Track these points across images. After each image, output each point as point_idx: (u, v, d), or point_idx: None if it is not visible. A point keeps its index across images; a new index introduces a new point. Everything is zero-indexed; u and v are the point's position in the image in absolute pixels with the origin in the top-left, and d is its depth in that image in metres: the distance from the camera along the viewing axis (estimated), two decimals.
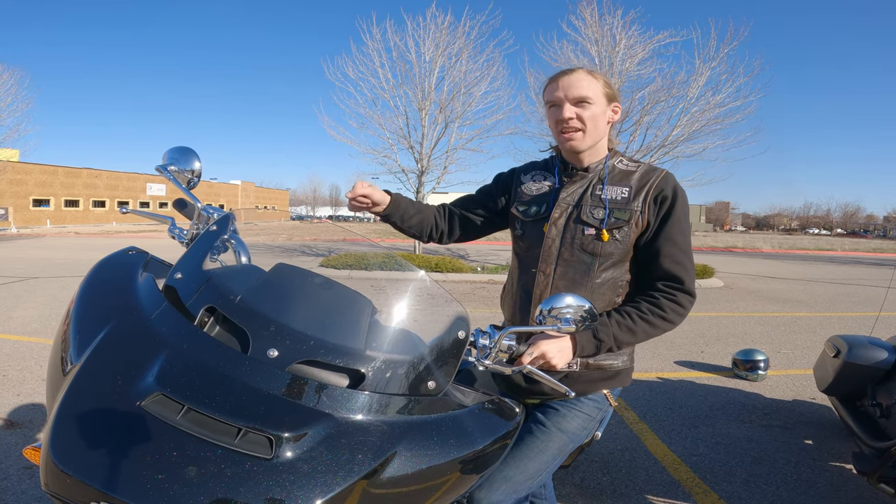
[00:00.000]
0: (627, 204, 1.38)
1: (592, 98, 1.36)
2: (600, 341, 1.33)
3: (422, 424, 1.02)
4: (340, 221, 64.28)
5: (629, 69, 10.73)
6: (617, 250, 1.38)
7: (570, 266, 1.40)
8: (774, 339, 5.89)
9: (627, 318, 1.35)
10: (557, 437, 1.40)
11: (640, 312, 1.35)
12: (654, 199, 1.37)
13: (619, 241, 1.38)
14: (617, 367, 1.46)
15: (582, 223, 1.40)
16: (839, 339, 3.14)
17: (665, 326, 1.36)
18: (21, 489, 2.36)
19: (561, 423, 1.41)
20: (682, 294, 1.37)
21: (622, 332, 1.34)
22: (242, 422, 0.87)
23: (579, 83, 1.36)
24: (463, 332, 1.12)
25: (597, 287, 1.40)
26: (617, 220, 1.37)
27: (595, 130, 1.38)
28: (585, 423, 1.45)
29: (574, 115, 1.36)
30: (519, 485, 1.33)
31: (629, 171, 1.43)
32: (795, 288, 10.65)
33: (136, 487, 0.79)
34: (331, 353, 1.00)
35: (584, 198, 1.42)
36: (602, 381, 1.46)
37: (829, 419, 3.55)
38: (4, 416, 3.16)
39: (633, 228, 1.37)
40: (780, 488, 2.63)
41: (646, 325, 1.35)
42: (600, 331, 1.33)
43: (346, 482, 0.86)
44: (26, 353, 4.54)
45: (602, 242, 1.37)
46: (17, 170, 34.70)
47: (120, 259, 1.29)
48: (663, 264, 1.37)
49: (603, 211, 1.38)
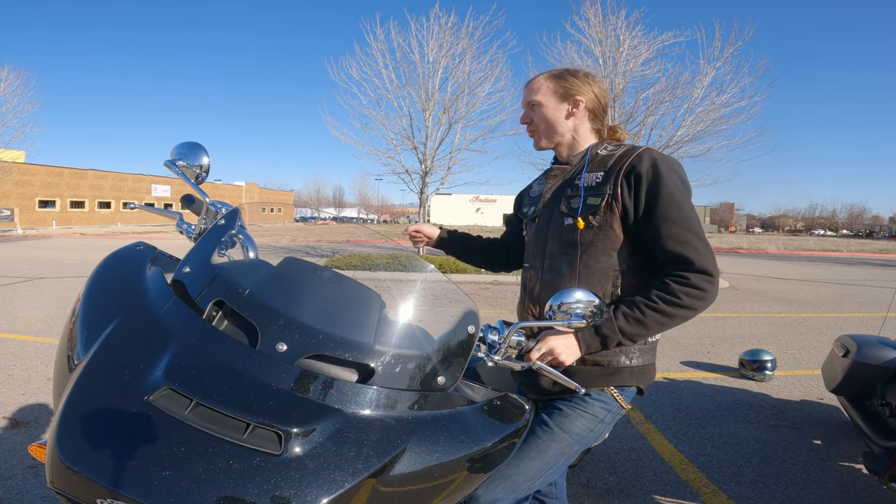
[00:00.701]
0: (599, 188, 1.33)
1: (541, 100, 1.44)
2: (604, 336, 1.28)
3: (431, 421, 1.01)
4: (344, 222, 64.62)
5: (633, 69, 10.70)
6: (598, 238, 1.32)
7: (556, 258, 1.40)
8: (781, 340, 5.86)
9: (635, 310, 1.27)
10: (560, 437, 1.34)
11: (648, 302, 1.27)
12: (627, 178, 1.30)
13: (596, 227, 1.32)
14: (619, 363, 1.36)
15: (561, 214, 1.40)
16: (848, 339, 3.12)
17: (683, 313, 1.26)
18: (26, 488, 2.35)
19: (564, 424, 1.35)
20: (695, 274, 1.25)
21: (630, 325, 1.27)
22: (251, 417, 0.86)
23: (530, 88, 1.47)
24: (473, 327, 1.11)
25: (583, 277, 1.34)
26: (590, 205, 1.32)
27: (549, 128, 1.45)
28: (592, 424, 1.37)
29: (528, 119, 1.49)
30: (518, 485, 1.28)
31: (608, 155, 1.39)
32: (801, 289, 10.59)
33: (143, 484, 0.78)
34: (340, 347, 0.99)
35: (564, 189, 1.42)
36: (601, 378, 1.36)
37: (838, 419, 3.52)
38: (9, 416, 3.17)
39: (609, 212, 1.31)
40: (789, 488, 2.61)
41: (658, 314, 1.26)
42: (602, 326, 1.27)
43: (356, 479, 0.85)
44: (31, 352, 4.55)
45: (579, 230, 1.34)
46: (23, 171, 34.90)
47: (128, 254, 1.29)
48: (666, 246, 1.26)
49: (578, 199, 1.36)
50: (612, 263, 1.34)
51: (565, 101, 1.43)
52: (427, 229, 1.76)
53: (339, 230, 8.19)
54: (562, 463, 1.36)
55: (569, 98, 1.43)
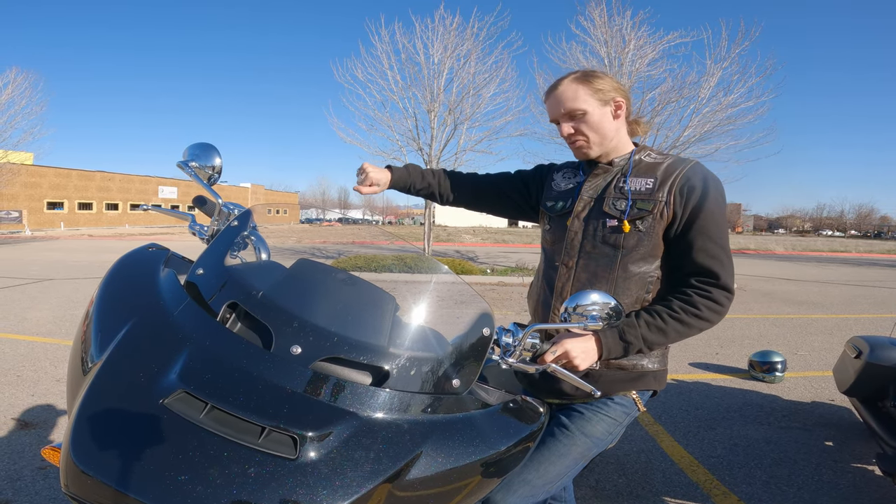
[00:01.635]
0: (651, 194, 1.34)
1: (584, 107, 1.36)
2: (628, 343, 1.28)
3: (446, 424, 1.00)
4: (350, 223, 64.77)
5: (639, 70, 10.65)
6: (641, 243, 1.33)
7: (592, 259, 1.37)
8: (791, 341, 5.81)
9: (657, 318, 1.29)
10: (581, 441, 1.34)
11: (671, 311, 1.29)
12: (680, 190, 1.32)
13: (642, 232, 1.33)
14: (642, 367, 1.39)
15: (604, 215, 1.37)
16: (860, 340, 3.09)
17: (700, 325, 1.30)
18: (35, 490, 2.36)
19: (585, 427, 1.35)
20: (718, 290, 1.30)
21: (652, 333, 1.28)
22: (266, 420, 0.86)
23: (564, 97, 1.37)
24: (488, 329, 1.10)
25: (621, 281, 1.35)
26: (640, 210, 1.33)
27: (599, 135, 1.38)
28: (611, 427, 1.38)
29: (572, 129, 1.39)
30: (537, 489, 1.28)
31: (656, 163, 1.40)
32: (810, 289, 10.50)
33: (158, 490, 0.77)
34: (354, 350, 0.99)
35: (607, 190, 1.40)
36: (625, 383, 1.38)
37: (850, 421, 3.49)
38: (18, 417, 3.19)
39: (658, 219, 1.32)
40: (801, 490, 2.58)
41: (678, 324, 1.29)
42: (627, 332, 1.28)
43: (371, 484, 0.84)
44: (41, 353, 4.58)
45: (624, 234, 1.33)
46: (32, 173, 35.15)
47: (140, 256, 1.29)
48: (696, 258, 1.31)
49: (625, 202, 1.35)
50: (650, 270, 1.35)
51: (607, 105, 1.38)
52: (377, 176, 1.55)
53: (345, 231, 8.23)
54: (580, 466, 1.36)
55: (609, 101, 1.38)
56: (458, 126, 11.94)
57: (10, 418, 3.16)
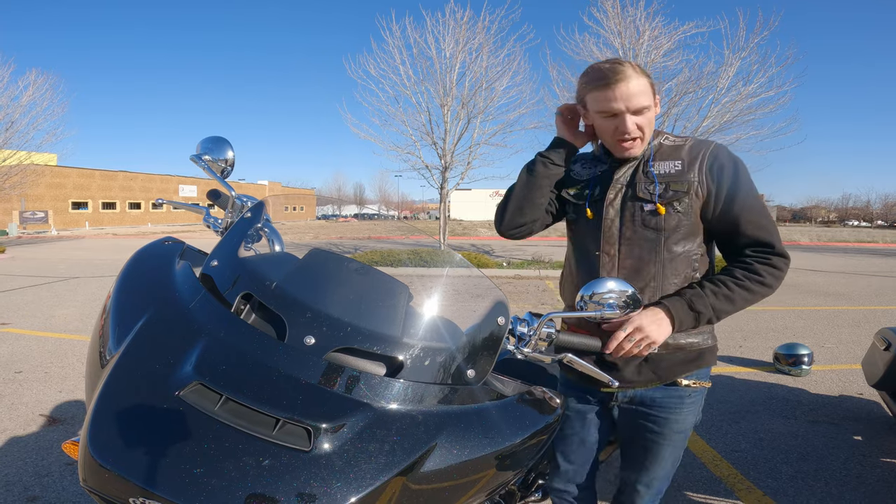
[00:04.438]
0: (682, 175, 1.36)
1: (649, 103, 1.32)
2: (698, 312, 1.31)
3: (461, 415, 0.98)
4: (366, 219, 65.12)
5: (654, 60, 10.44)
6: (682, 223, 1.35)
7: (635, 244, 1.38)
8: (817, 333, 5.67)
9: (723, 287, 1.32)
10: (676, 438, 1.44)
11: (735, 279, 1.33)
12: (710, 168, 1.35)
13: (681, 213, 1.35)
14: (698, 345, 1.41)
15: (639, 200, 1.37)
16: (890, 332, 2.99)
17: (763, 291, 1.34)
18: (62, 486, 2.41)
19: (674, 426, 1.43)
20: (776, 257, 1.34)
21: (719, 301, 1.31)
22: (281, 412, 0.85)
23: (638, 90, 1.29)
24: (503, 318, 1.08)
25: (667, 262, 1.36)
26: (675, 192, 1.35)
27: (650, 132, 1.38)
28: (695, 412, 1.46)
29: (636, 125, 1.32)
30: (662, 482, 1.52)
31: (678, 146, 1.41)
32: (836, 281, 10.24)
33: (175, 483, 0.77)
34: (368, 340, 0.98)
35: (636, 176, 1.40)
36: (687, 364, 1.40)
37: (879, 414, 3.39)
38: (47, 413, 3.26)
39: (695, 199, 1.35)
40: (829, 485, 2.51)
41: (744, 291, 1.32)
42: (696, 302, 1.30)
43: (386, 476, 0.83)
44: (68, 350, 4.69)
45: (662, 216, 1.35)
46: (56, 174, 35.97)
47: (156, 249, 1.30)
48: (747, 232, 1.34)
49: (655, 185, 1.36)
50: (693, 248, 1.39)
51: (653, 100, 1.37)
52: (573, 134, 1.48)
53: (361, 227, 8.19)
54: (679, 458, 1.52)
55: (654, 96, 1.37)
56: (472, 120, 11.88)
57: (38, 414, 3.24)
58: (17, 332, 5.29)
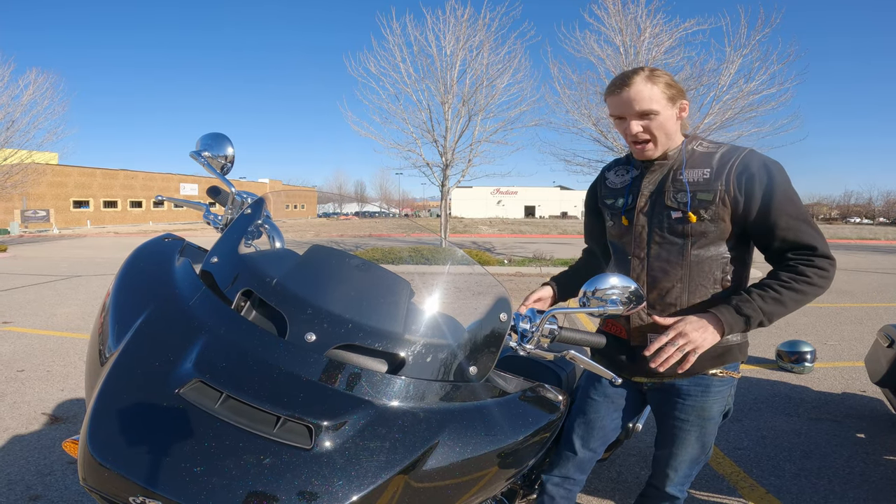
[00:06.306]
0: (710, 184, 1.37)
1: (656, 108, 1.37)
2: (747, 316, 1.32)
3: (463, 412, 0.97)
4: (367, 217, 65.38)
5: (656, 58, 10.41)
6: (709, 230, 1.38)
7: (663, 248, 1.43)
8: (820, 331, 5.65)
9: (770, 290, 1.33)
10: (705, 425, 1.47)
11: (781, 282, 1.34)
12: (738, 177, 1.36)
13: (709, 220, 1.37)
14: (726, 342, 1.41)
15: (667, 208, 1.41)
16: (893, 329, 2.98)
17: (813, 291, 1.33)
18: (65, 484, 2.41)
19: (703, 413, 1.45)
20: (819, 258, 1.34)
21: (768, 304, 1.32)
22: (281, 410, 0.85)
23: (640, 97, 1.36)
24: (505, 314, 1.07)
25: (695, 266, 1.40)
26: (701, 201, 1.37)
27: (664, 135, 1.41)
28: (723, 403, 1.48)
29: (641, 128, 1.39)
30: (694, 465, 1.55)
31: (709, 153, 1.42)
32: (839, 278, 10.20)
33: (175, 482, 0.76)
34: (369, 337, 0.97)
35: (665, 184, 1.43)
36: (713, 359, 1.42)
37: (882, 412, 3.38)
38: (49, 412, 3.26)
39: (722, 207, 1.36)
40: (832, 482, 2.51)
41: (791, 292, 1.32)
42: (743, 307, 1.32)
43: (387, 474, 0.83)
44: (70, 348, 4.69)
45: (691, 224, 1.37)
46: (57, 172, 35.97)
47: (156, 246, 1.29)
48: (788, 237, 1.35)
49: (685, 194, 1.38)
50: (721, 251, 1.40)
51: (674, 106, 1.42)
52: (541, 293, 1.65)
53: (362, 224, 8.24)
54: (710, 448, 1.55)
55: (676, 102, 1.42)
56: (473, 117, 11.87)
57: (41, 413, 3.24)
58: (19, 331, 5.30)
